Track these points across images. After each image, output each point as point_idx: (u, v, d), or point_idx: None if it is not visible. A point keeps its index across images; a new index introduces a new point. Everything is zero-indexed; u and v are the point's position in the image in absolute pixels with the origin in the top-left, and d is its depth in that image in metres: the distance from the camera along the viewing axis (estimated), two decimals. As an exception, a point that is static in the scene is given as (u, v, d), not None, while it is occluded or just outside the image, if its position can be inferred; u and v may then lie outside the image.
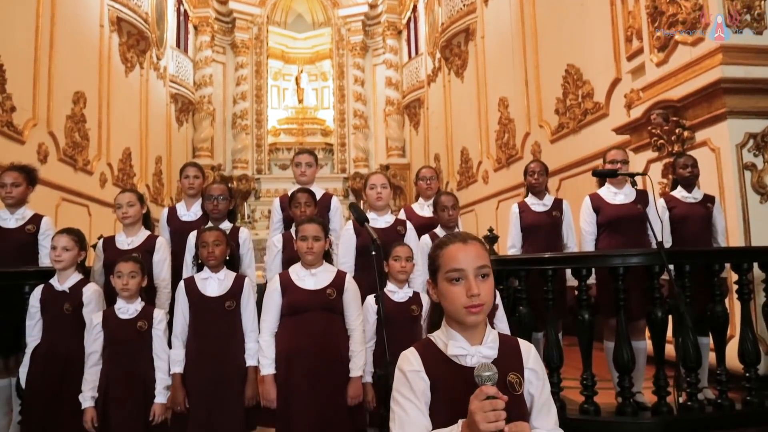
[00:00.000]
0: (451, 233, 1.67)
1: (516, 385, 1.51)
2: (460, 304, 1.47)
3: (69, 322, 2.91)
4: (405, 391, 1.48)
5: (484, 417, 1.29)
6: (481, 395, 1.32)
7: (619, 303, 3.29)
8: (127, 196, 3.31)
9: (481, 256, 1.50)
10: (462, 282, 1.47)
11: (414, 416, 1.45)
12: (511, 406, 1.45)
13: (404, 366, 1.51)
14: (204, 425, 2.84)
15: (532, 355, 1.58)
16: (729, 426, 3.22)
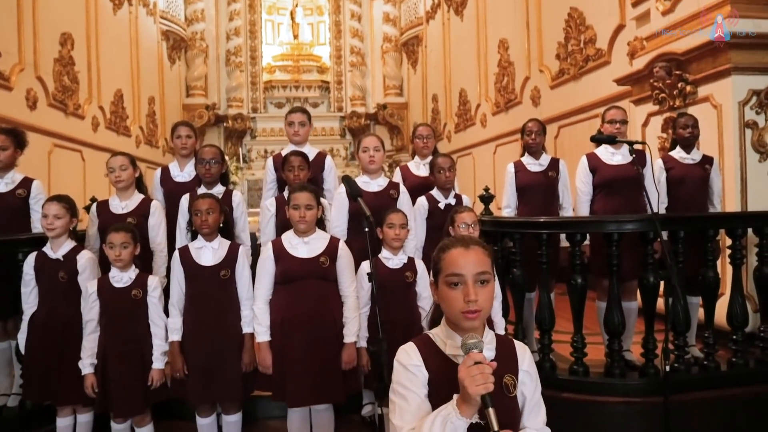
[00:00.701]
0: (455, 237, 1.65)
1: (511, 387, 1.54)
2: (458, 308, 1.48)
3: (65, 290, 2.93)
4: (405, 382, 1.51)
5: (473, 380, 1.33)
6: (469, 361, 1.37)
7: (612, 268, 3.31)
8: (119, 160, 3.26)
9: (482, 262, 1.50)
10: (461, 287, 1.47)
11: (414, 404, 1.49)
12: (504, 407, 1.50)
13: (404, 360, 1.54)
14: (202, 391, 2.92)
15: (527, 357, 1.62)
16: (714, 386, 3.31)
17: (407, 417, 1.46)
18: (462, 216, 3.15)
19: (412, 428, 1.44)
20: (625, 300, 3.69)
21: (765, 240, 3.41)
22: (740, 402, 3.29)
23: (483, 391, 1.34)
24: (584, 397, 3.28)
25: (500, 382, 1.51)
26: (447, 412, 1.38)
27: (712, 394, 3.28)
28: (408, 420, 1.46)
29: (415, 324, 3.09)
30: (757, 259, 3.47)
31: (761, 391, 3.32)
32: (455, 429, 1.36)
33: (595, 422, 3.24)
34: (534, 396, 1.59)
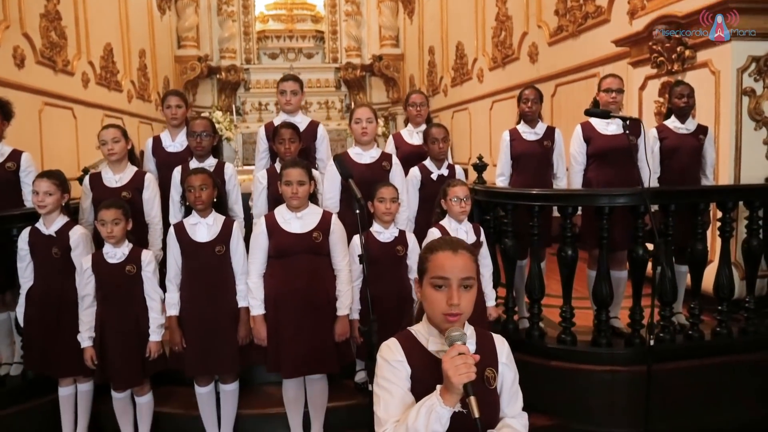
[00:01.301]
0: (443, 239, 1.67)
1: (491, 380, 1.60)
2: (440, 310, 1.51)
3: (59, 265, 2.96)
4: (389, 376, 1.56)
5: (456, 370, 1.39)
6: (453, 352, 1.42)
7: (602, 241, 3.35)
8: (111, 132, 3.23)
9: (467, 268, 1.53)
10: (445, 290, 1.50)
11: (398, 397, 1.54)
12: (485, 399, 1.56)
13: (387, 355, 1.58)
14: (200, 363, 2.99)
15: (506, 350, 1.67)
16: (698, 356, 3.41)
17: (391, 410, 1.51)
18: (454, 190, 3.15)
19: (396, 420, 1.49)
20: (615, 269, 3.75)
21: (755, 213, 3.44)
22: (723, 370, 3.39)
23: (466, 380, 1.39)
24: (571, 365, 3.38)
25: (482, 376, 1.56)
26: (431, 402, 1.43)
27: (696, 362, 3.38)
28: (392, 413, 1.51)
29: (407, 297, 3.15)
30: (746, 231, 3.51)
31: (744, 360, 3.43)
32: (439, 418, 1.42)
33: (582, 389, 3.35)
34: (513, 386, 1.66)
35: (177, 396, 3.34)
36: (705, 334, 3.46)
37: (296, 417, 3.14)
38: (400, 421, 1.47)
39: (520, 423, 1.65)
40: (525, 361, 3.48)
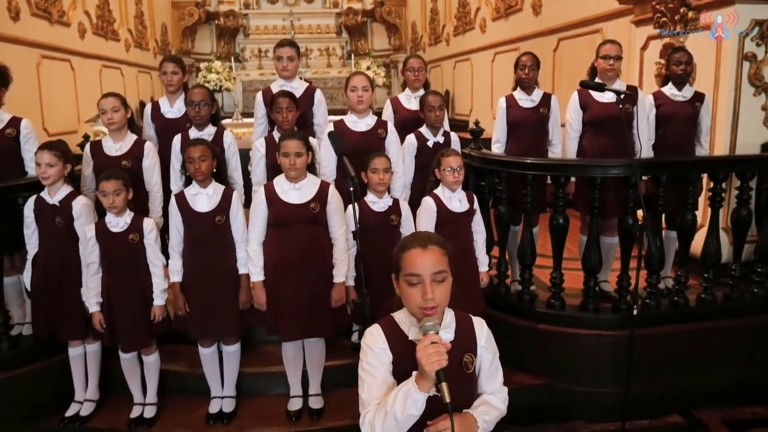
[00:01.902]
0: (413, 235, 1.72)
1: (469, 365, 1.70)
2: (416, 304, 1.60)
3: (63, 234, 3.05)
4: (372, 361, 1.67)
5: (428, 358, 1.49)
6: (426, 341, 1.51)
7: (594, 210, 3.42)
8: (110, 102, 3.25)
9: (438, 262, 1.60)
10: (419, 285, 1.58)
11: (380, 379, 1.65)
12: (462, 383, 1.68)
13: (371, 343, 1.69)
14: (203, 327, 3.13)
15: (485, 333, 1.76)
16: (682, 321, 3.54)
17: (374, 392, 1.63)
18: (448, 160, 3.20)
19: (378, 402, 1.61)
20: (606, 235, 3.84)
21: (746, 183, 3.49)
22: (706, 335, 3.53)
23: (437, 368, 1.48)
24: (559, 328, 3.51)
25: (460, 361, 1.67)
26: (407, 387, 1.54)
27: (680, 328, 3.52)
28: (375, 395, 1.62)
29: None
30: (737, 201, 3.57)
31: (727, 326, 3.56)
32: (415, 402, 1.53)
33: (568, 351, 3.50)
34: (492, 364, 1.76)
35: (182, 354, 3.50)
36: (690, 300, 3.57)
37: (295, 376, 3.31)
38: (380, 404, 1.59)
39: (498, 398, 1.76)
40: (515, 323, 3.65)
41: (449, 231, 3.24)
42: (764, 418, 3.42)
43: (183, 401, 3.37)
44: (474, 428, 1.64)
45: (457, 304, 3.31)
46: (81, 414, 3.20)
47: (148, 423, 3.18)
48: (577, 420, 3.45)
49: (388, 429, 1.55)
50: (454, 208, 3.25)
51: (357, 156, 3.31)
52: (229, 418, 3.22)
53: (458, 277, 3.30)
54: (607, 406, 3.34)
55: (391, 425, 1.54)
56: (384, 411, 1.55)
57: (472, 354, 1.72)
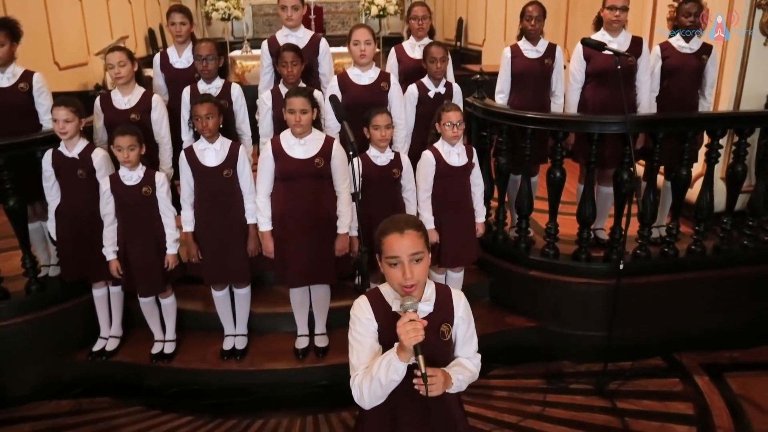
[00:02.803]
0: (392, 220, 1.84)
1: (446, 333, 1.88)
2: (397, 282, 1.76)
3: (85, 185, 3.22)
4: (360, 330, 1.85)
5: (406, 334, 1.66)
6: (405, 319, 1.69)
7: (590, 165, 3.51)
8: (116, 56, 3.32)
9: (415, 244, 1.74)
10: (399, 266, 1.74)
11: (368, 346, 1.84)
12: (440, 349, 1.87)
13: (358, 314, 1.86)
14: (215, 273, 3.35)
15: (462, 304, 1.91)
16: (672, 271, 3.70)
17: (362, 358, 1.82)
18: (448, 115, 3.27)
19: (366, 366, 1.81)
20: (604, 185, 3.96)
21: (743, 140, 3.54)
22: (694, 284, 3.70)
23: (414, 342, 1.66)
24: (552, 276, 3.70)
25: (438, 330, 1.85)
26: (390, 357, 1.73)
27: (669, 277, 3.68)
28: (363, 360, 1.82)
29: (399, 212, 3.39)
30: (732, 156, 3.63)
31: (713, 276, 3.71)
32: (396, 370, 1.72)
33: (560, 298, 3.71)
34: (467, 332, 1.93)
35: (197, 294, 3.75)
36: (680, 251, 3.72)
37: (302, 317, 3.56)
38: (367, 368, 1.79)
39: (471, 363, 1.95)
40: (510, 269, 3.84)
41: (447, 183, 3.38)
42: (741, 362, 3.64)
43: (199, 338, 3.65)
44: (449, 383, 1.84)
45: (455, 253, 3.51)
46: (107, 349, 3.50)
47: (168, 358, 3.48)
48: (564, 360, 3.70)
49: (374, 391, 1.75)
50: (452, 162, 3.35)
51: (360, 109, 3.41)
52: (241, 354, 3.50)
53: (455, 227, 3.49)
54: (593, 348, 3.56)
55: (376, 388, 1.75)
56: (370, 376, 1.75)
57: (449, 324, 1.89)
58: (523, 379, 3.56)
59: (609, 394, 3.34)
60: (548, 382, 3.52)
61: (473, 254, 3.57)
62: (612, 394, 3.36)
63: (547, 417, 3.23)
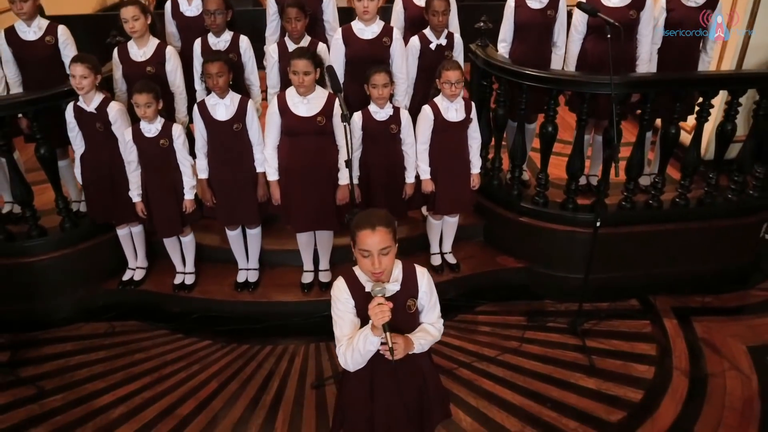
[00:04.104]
0: (366, 216, 2.08)
1: (411, 306, 2.19)
2: (368, 270, 2.05)
3: (104, 136, 3.49)
4: (340, 307, 2.18)
5: (375, 316, 1.98)
6: (374, 302, 2.00)
7: (581, 122, 3.65)
8: (130, 11, 3.46)
9: (384, 240, 2.00)
10: (369, 257, 2.02)
11: (348, 320, 2.18)
12: (405, 320, 2.18)
13: (337, 294, 2.18)
14: (228, 216, 3.69)
15: (425, 281, 2.20)
16: (655, 222, 3.92)
17: (345, 330, 2.16)
18: (447, 74, 3.41)
19: (349, 337, 2.15)
20: (599, 134, 4.10)
21: (735, 100, 3.62)
22: (674, 234, 3.94)
23: (382, 322, 1.98)
24: (540, 223, 3.96)
25: (404, 304, 2.17)
26: (366, 332, 2.06)
27: (652, 227, 3.92)
28: (345, 332, 2.16)
29: (397, 164, 3.64)
30: (724, 116, 3.72)
31: (695, 227, 3.94)
32: (371, 342, 2.06)
33: (547, 243, 3.99)
34: (430, 302, 2.23)
35: (214, 230, 4.10)
36: (665, 202, 3.92)
37: (308, 255, 3.92)
38: (350, 339, 2.13)
39: (434, 327, 2.27)
40: (503, 214, 4.11)
41: (444, 137, 3.59)
42: (711, 307, 3.94)
43: (217, 269, 4.07)
44: (410, 347, 2.17)
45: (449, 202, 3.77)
46: (135, 279, 3.94)
47: (189, 288, 3.91)
48: (547, 299, 4.04)
49: (355, 359, 2.11)
50: (450, 117, 3.54)
51: (363, 62, 3.58)
52: (254, 287, 3.92)
53: (451, 177, 3.73)
54: (574, 289, 3.88)
55: (357, 356, 2.10)
56: (352, 347, 2.09)
57: (414, 298, 2.20)
58: (506, 315, 3.92)
59: (581, 333, 3.69)
60: (529, 319, 3.87)
61: (467, 204, 3.83)
62: (585, 333, 3.71)
63: (523, 352, 3.62)
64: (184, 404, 3.28)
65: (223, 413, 3.22)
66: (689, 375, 3.43)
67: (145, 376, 3.46)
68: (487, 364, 3.54)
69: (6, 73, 3.65)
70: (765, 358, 3.50)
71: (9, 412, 3.22)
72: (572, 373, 3.46)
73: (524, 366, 3.52)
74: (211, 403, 3.29)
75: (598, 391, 3.34)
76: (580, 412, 3.21)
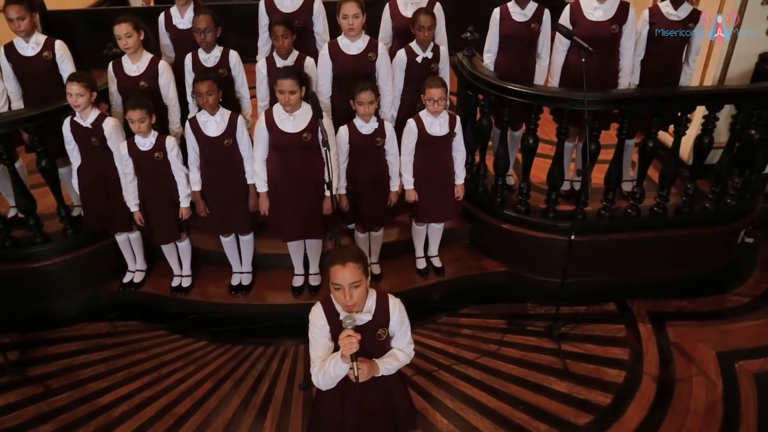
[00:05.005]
0: (338, 253, 2.25)
1: (381, 335, 2.38)
2: (341, 302, 2.23)
3: (99, 150, 3.64)
4: (316, 331, 2.36)
5: (344, 346, 2.18)
6: (343, 334, 2.19)
7: (561, 136, 3.77)
8: (123, 28, 3.57)
9: (354, 275, 2.17)
10: (341, 290, 2.20)
11: (322, 343, 2.37)
12: (376, 347, 2.37)
13: (314, 319, 2.36)
14: (221, 225, 3.88)
15: (397, 312, 2.37)
16: (633, 230, 4.06)
17: (319, 353, 2.35)
18: (430, 92, 3.52)
19: (322, 359, 2.34)
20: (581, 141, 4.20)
21: (712, 114, 3.70)
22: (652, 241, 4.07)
23: (350, 353, 2.17)
24: (522, 230, 4.11)
25: (375, 332, 2.34)
26: (336, 358, 2.25)
27: (631, 236, 4.06)
28: (319, 354, 2.35)
29: (382, 175, 3.79)
30: (701, 128, 3.81)
31: (672, 235, 4.06)
32: (341, 368, 2.25)
33: (528, 249, 4.14)
34: (400, 331, 2.40)
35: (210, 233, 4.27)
36: (643, 211, 4.04)
37: (298, 260, 4.11)
38: (323, 361, 2.32)
39: (403, 353, 2.45)
40: (487, 220, 4.25)
41: (428, 150, 3.73)
42: (686, 311, 4.10)
43: (212, 272, 4.27)
44: (376, 371, 2.35)
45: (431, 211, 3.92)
46: (134, 281, 4.16)
47: (186, 291, 4.12)
48: (528, 302, 4.22)
49: (326, 381, 2.31)
50: (433, 132, 3.66)
51: (349, 77, 3.70)
52: (247, 289, 4.12)
53: (434, 188, 3.88)
54: (554, 293, 4.04)
55: (328, 378, 2.30)
56: (324, 370, 2.29)
57: (385, 328, 2.38)
58: (488, 318, 4.10)
59: (557, 337, 3.86)
60: (509, 323, 4.05)
61: (450, 214, 3.99)
62: (561, 336, 3.88)
63: (502, 355, 3.80)
64: (181, 403, 3.51)
65: (217, 413, 3.45)
66: (658, 380, 3.61)
67: (144, 376, 3.70)
68: (466, 366, 3.73)
69: (7, 87, 3.80)
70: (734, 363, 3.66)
71: (19, 410, 3.48)
72: (546, 377, 3.64)
73: (501, 369, 3.71)
74: (206, 402, 3.52)
75: (569, 394, 3.53)
76: (551, 416, 3.40)
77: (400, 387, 2.62)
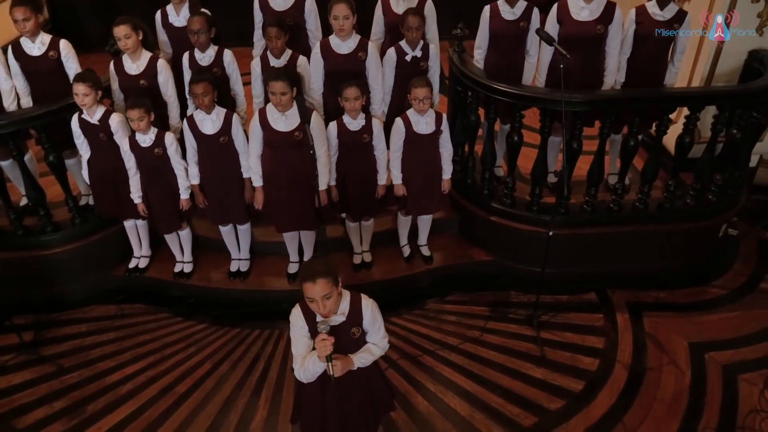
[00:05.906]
0: (308, 270, 2.43)
1: (355, 333, 2.59)
2: (316, 311, 2.44)
3: (107, 145, 3.85)
4: (296, 331, 2.58)
5: (319, 349, 2.40)
6: (319, 338, 2.41)
7: (544, 135, 3.89)
8: (122, 30, 3.72)
9: (324, 288, 2.36)
10: (315, 302, 2.40)
11: (302, 342, 2.59)
12: (351, 343, 2.59)
13: (294, 321, 2.58)
14: (219, 216, 4.09)
15: (369, 311, 2.57)
16: (616, 224, 4.20)
17: (299, 350, 2.57)
18: (415, 92, 3.66)
19: (303, 357, 2.57)
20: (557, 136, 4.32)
21: (694, 115, 3.79)
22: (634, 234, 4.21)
23: (324, 355, 2.39)
24: (507, 222, 4.27)
25: (349, 331, 2.56)
26: (314, 358, 2.48)
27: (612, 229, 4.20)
28: (300, 352, 2.57)
29: (370, 169, 3.96)
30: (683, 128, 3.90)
31: (655, 229, 4.20)
32: (318, 366, 2.47)
33: (513, 239, 4.31)
34: (373, 327, 2.61)
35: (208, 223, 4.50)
36: (625, 206, 4.17)
37: (293, 248, 4.32)
38: (303, 359, 2.55)
39: (377, 347, 2.66)
40: (475, 211, 4.41)
41: (415, 147, 3.88)
42: (663, 302, 4.26)
43: (212, 259, 4.50)
44: (351, 365, 2.56)
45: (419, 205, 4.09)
46: (139, 266, 4.41)
47: (187, 276, 4.37)
48: (512, 290, 4.41)
49: (307, 376, 2.53)
50: (420, 130, 3.81)
51: (339, 76, 3.83)
52: (245, 276, 4.36)
53: (421, 183, 4.04)
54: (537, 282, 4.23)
55: (308, 374, 2.53)
56: (304, 367, 2.52)
57: (358, 326, 2.59)
58: (473, 305, 4.31)
59: (537, 325, 4.06)
60: (492, 310, 4.25)
61: (437, 207, 4.16)
62: (541, 324, 4.08)
63: (483, 342, 4.02)
64: (182, 383, 3.79)
65: (215, 392, 3.73)
66: (629, 368, 3.80)
67: (149, 356, 3.98)
68: (449, 352, 3.95)
69: (16, 85, 3.99)
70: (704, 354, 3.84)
71: (34, 387, 3.79)
72: (524, 363, 3.86)
73: (482, 355, 3.93)
74: (205, 382, 3.80)
75: (544, 380, 3.75)
76: (525, 400, 3.63)
77: (376, 374, 2.85)
